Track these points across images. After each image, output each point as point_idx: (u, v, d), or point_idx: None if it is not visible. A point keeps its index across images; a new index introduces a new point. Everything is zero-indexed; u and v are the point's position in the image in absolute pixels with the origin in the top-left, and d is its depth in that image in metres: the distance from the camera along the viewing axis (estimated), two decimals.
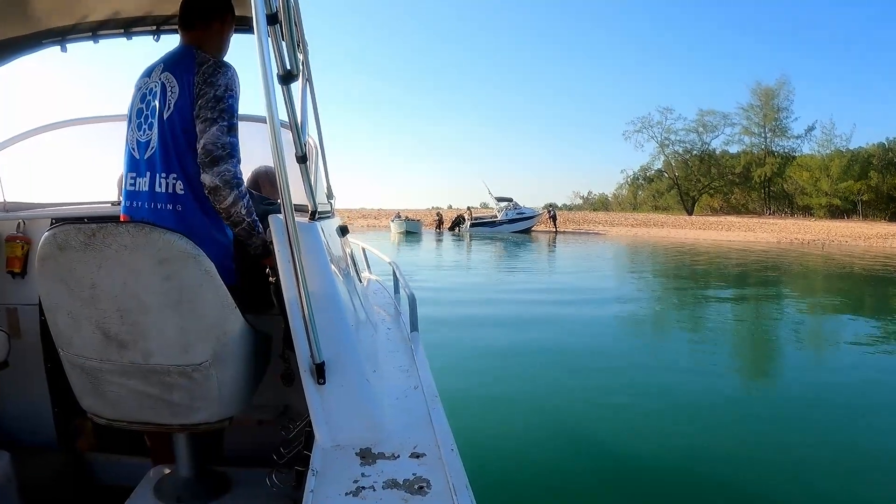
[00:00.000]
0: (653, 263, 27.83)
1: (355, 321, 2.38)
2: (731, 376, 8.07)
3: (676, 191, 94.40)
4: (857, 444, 5.56)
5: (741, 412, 6.50)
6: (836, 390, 7.42)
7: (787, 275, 22.89)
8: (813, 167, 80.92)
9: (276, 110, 1.70)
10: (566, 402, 6.61)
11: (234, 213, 2.15)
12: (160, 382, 1.94)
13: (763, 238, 48.03)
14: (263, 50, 1.67)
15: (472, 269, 21.41)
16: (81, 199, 3.56)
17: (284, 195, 1.77)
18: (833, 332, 11.79)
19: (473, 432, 5.29)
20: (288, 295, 1.92)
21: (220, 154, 2.11)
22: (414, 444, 1.80)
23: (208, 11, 2.37)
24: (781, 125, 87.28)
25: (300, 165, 2.15)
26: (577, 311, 12.87)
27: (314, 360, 1.87)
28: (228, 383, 2.01)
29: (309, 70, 2.98)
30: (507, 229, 51.51)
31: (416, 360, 2.73)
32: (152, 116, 2.19)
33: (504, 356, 8.56)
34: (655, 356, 9.14)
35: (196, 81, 2.16)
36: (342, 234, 3.14)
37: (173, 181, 2.16)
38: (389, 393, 2.25)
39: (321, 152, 3.45)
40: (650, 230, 55.72)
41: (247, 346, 2.09)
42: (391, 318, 3.69)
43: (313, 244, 2.13)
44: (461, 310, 12.33)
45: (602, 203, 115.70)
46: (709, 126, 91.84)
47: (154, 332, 1.88)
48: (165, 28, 3.22)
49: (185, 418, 2.00)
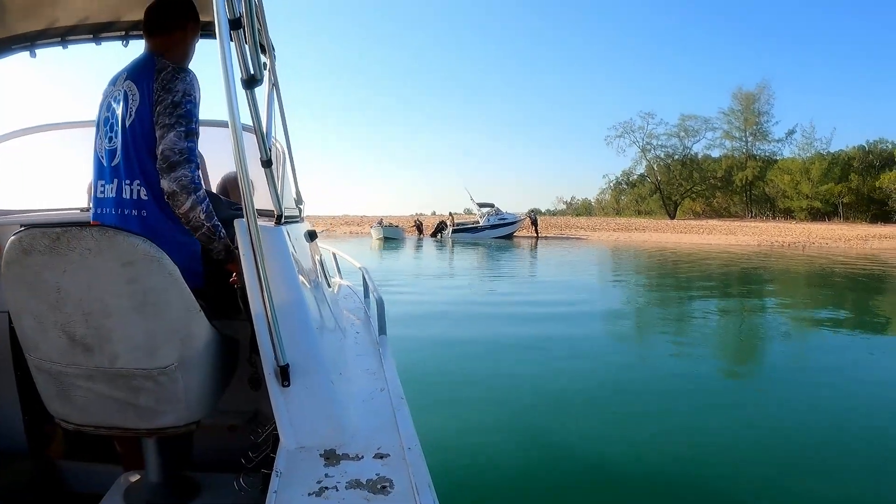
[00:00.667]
0: (629, 266, 27.82)
1: (321, 325, 2.39)
2: (705, 378, 7.88)
3: (659, 195, 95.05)
4: (848, 445, 5.49)
5: (718, 414, 6.40)
6: (821, 387, 7.41)
7: (763, 277, 23.05)
8: (794, 170, 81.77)
9: (237, 114, 1.72)
10: (533, 403, 6.59)
11: (193, 217, 2.15)
12: (126, 386, 1.94)
13: (744, 241, 48.32)
14: (226, 54, 1.68)
15: (451, 276, 21.05)
16: (52, 205, 3.56)
17: (246, 199, 1.78)
18: (809, 331, 11.84)
19: (440, 433, 5.33)
20: (252, 298, 1.92)
21: (177, 159, 2.12)
22: (378, 445, 1.83)
23: (170, 18, 2.39)
24: (762, 129, 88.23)
25: (265, 170, 2.14)
26: (549, 311, 12.91)
27: (278, 363, 1.88)
28: (195, 387, 2.02)
29: (275, 75, 2.98)
30: (489, 235, 51.40)
31: (384, 363, 2.76)
32: (117, 125, 2.23)
33: (474, 358, 8.57)
34: (626, 355, 9.17)
35: (155, 88, 2.19)
36: (310, 239, 3.13)
37: (137, 187, 2.19)
38: (355, 395, 2.26)
39: (289, 157, 3.45)
40: (632, 235, 55.80)
41: (213, 349, 2.10)
42: (360, 322, 3.71)
43: (279, 248, 2.14)
44: (434, 314, 12.21)
45: (585, 208, 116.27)
46: (690, 130, 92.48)
47: (119, 335, 1.88)
48: (134, 34, 3.21)
49: (151, 422, 2.00)
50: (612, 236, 55.14)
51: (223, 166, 3.39)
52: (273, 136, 2.62)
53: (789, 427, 5.91)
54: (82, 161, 3.25)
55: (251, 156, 1.83)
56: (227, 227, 2.26)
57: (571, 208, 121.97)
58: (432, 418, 5.65)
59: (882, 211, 73.75)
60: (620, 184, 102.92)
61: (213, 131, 2.49)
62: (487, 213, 54.66)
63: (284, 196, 2.64)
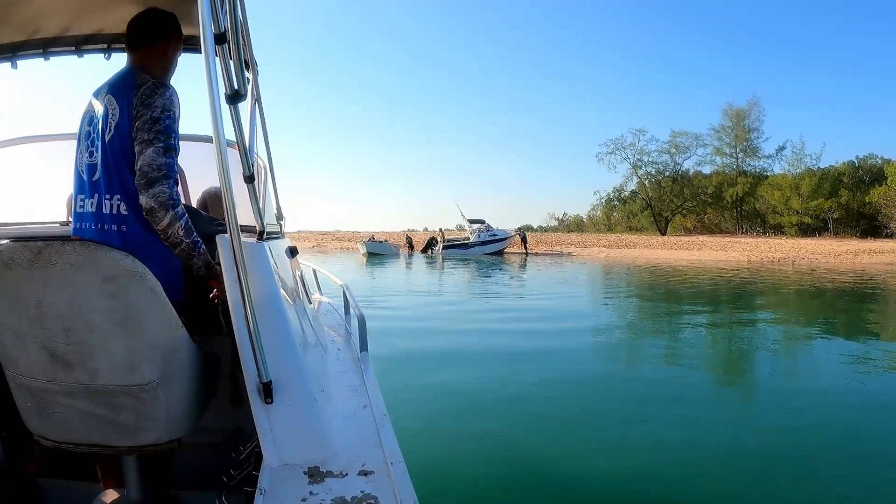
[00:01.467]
0: (617, 282, 27.90)
1: (303, 341, 2.36)
2: (694, 393, 7.85)
3: (650, 211, 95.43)
4: (831, 460, 5.48)
5: (709, 429, 6.34)
6: (815, 403, 7.34)
7: (751, 293, 22.77)
8: (784, 186, 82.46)
9: (222, 130, 1.69)
10: (518, 419, 6.53)
11: (172, 234, 2.13)
12: (107, 403, 1.89)
13: (734, 257, 48.39)
14: (210, 69, 1.67)
15: (440, 293, 20.88)
16: (31, 218, 3.58)
17: (230, 215, 1.76)
18: (796, 347, 11.73)
19: (423, 449, 5.28)
20: (234, 314, 1.91)
21: (155, 175, 2.10)
22: (362, 462, 1.82)
23: (152, 32, 2.37)
24: (752, 145, 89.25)
25: (248, 185, 2.16)
26: (531, 326, 12.85)
27: (261, 380, 1.86)
28: (176, 404, 1.98)
29: (258, 90, 2.98)
30: (480, 251, 51.35)
31: (366, 379, 2.75)
32: (97, 139, 2.21)
33: (460, 373, 8.48)
34: (610, 376, 8.87)
35: (134, 103, 2.16)
36: (291, 255, 3.13)
37: (117, 202, 2.17)
38: (338, 412, 2.25)
39: (270, 173, 3.42)
40: (622, 251, 55.82)
41: (195, 366, 2.06)
42: (341, 338, 3.70)
43: (260, 264, 2.13)
44: (420, 331, 12.04)
45: (577, 224, 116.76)
46: (681, 147, 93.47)
47: (100, 351, 1.84)
48: (116, 47, 3.17)
49: (132, 440, 1.95)
50: (603, 252, 55.11)
51: (203, 181, 3.38)
52: (255, 151, 2.62)
53: (775, 442, 5.82)
54: (61, 174, 3.36)
55: (233, 171, 1.79)
56: (207, 242, 2.24)
57: (563, 225, 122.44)
58: (416, 434, 5.65)
59: (871, 226, 74.38)
60: (612, 200, 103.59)
61: (193, 146, 2.53)
62: (478, 229, 54.62)
63: (266, 212, 2.63)
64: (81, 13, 2.91)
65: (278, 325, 2.06)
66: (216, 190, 3.21)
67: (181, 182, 2.78)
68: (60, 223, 3.40)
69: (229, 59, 1.86)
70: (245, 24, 2.58)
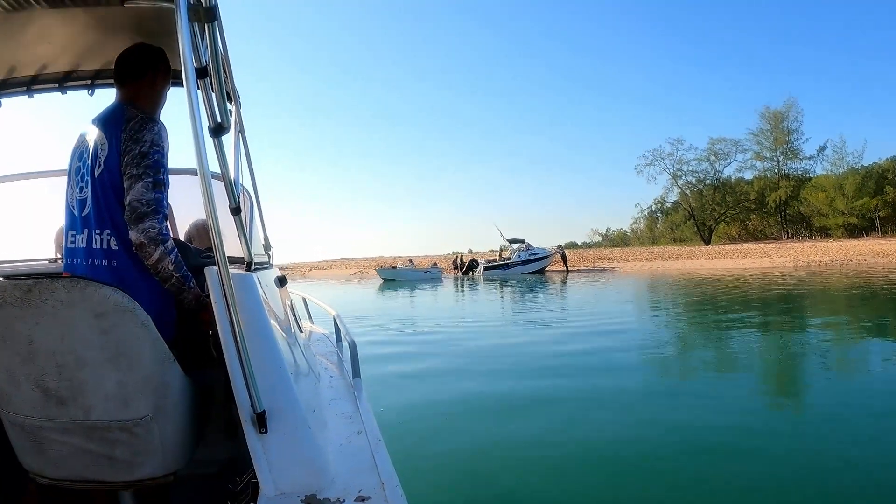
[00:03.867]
0: (662, 298, 27.18)
1: (295, 370, 2.39)
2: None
3: (692, 222, 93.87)
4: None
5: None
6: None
7: (799, 300, 22.03)
8: (827, 187, 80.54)
9: (206, 163, 1.72)
10: (515, 444, 6.41)
11: (162, 269, 2.15)
12: (102, 439, 1.90)
13: (779, 263, 47.71)
14: (193, 103, 1.70)
15: (471, 322, 19.20)
16: (19, 256, 3.55)
17: (217, 247, 1.78)
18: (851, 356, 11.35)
19: (419, 473, 5.32)
20: (226, 345, 1.92)
21: (144, 211, 2.11)
22: (359, 488, 1.83)
23: (139, 67, 2.40)
24: (793, 147, 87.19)
25: (234, 217, 2.17)
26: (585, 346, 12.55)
27: (255, 410, 1.88)
28: (171, 437, 1.99)
29: (241, 122, 3.04)
30: (521, 271, 51.40)
31: (360, 406, 2.75)
32: (87, 174, 2.22)
33: (459, 402, 8.29)
34: (618, 399, 8.43)
35: (123, 137, 2.18)
36: (280, 285, 3.14)
37: (107, 237, 2.18)
38: (333, 439, 2.26)
39: (257, 203, 3.48)
40: (665, 263, 55.25)
41: (188, 398, 2.07)
42: (334, 366, 3.71)
43: (250, 295, 2.13)
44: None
45: (621, 238, 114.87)
46: (720, 154, 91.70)
47: (93, 387, 1.85)
48: (99, 82, 3.19)
49: (128, 474, 1.96)
50: (646, 266, 54.71)
51: (190, 214, 3.39)
52: (240, 182, 2.64)
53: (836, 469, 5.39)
54: (49, 211, 3.45)
55: (219, 203, 1.82)
56: (196, 274, 2.26)
57: (607, 239, 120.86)
58: (414, 459, 5.67)
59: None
60: (654, 212, 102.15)
61: (179, 179, 2.48)
62: (518, 248, 54.65)
63: (253, 242, 2.66)
64: (64, 49, 2.89)
65: (269, 354, 2.06)
66: (203, 222, 3.20)
67: (169, 216, 2.77)
68: (49, 260, 3.39)
69: (211, 93, 1.86)
70: (226, 57, 2.61)
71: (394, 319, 19.58)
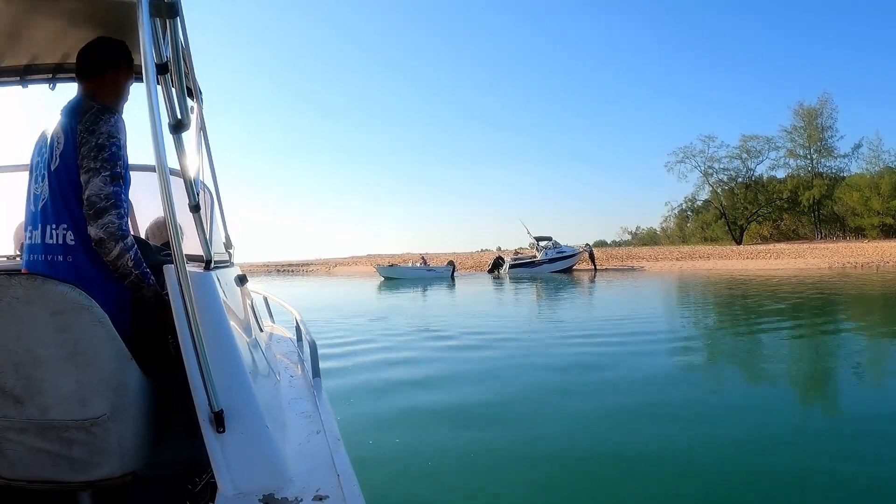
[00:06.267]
0: (691, 299, 26.44)
1: (255, 369, 2.38)
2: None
3: (724, 220, 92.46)
4: None
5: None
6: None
7: (838, 306, 20.54)
8: (862, 186, 78.70)
9: (165, 159, 1.72)
10: (481, 444, 6.36)
11: (121, 265, 2.14)
12: (59, 438, 1.89)
13: (814, 264, 46.87)
14: (153, 99, 1.71)
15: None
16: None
17: (175, 245, 1.79)
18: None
19: (378, 472, 5.38)
20: (183, 344, 1.92)
21: (103, 206, 2.09)
22: (317, 487, 1.85)
23: (101, 62, 2.39)
24: (827, 145, 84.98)
25: (193, 215, 2.15)
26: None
27: (212, 409, 1.87)
28: (129, 437, 1.98)
29: (202, 118, 3.04)
30: (548, 269, 51.06)
31: (319, 405, 2.76)
32: (44, 169, 2.22)
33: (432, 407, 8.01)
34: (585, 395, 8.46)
35: (79, 129, 2.16)
36: (241, 283, 3.13)
37: (63, 232, 2.16)
38: (292, 438, 2.28)
39: (218, 201, 3.48)
40: (695, 263, 54.62)
41: (146, 398, 2.06)
42: (294, 365, 3.73)
43: (207, 293, 2.13)
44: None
45: (651, 237, 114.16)
46: (752, 151, 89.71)
47: (50, 386, 1.85)
48: (61, 76, 3.14)
49: (86, 475, 1.94)
50: (675, 266, 54.12)
51: (150, 211, 3.39)
52: (201, 180, 2.66)
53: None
54: (7, 206, 3.49)
55: (179, 201, 1.83)
56: (156, 273, 2.24)
57: (637, 238, 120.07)
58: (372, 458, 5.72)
59: None
60: (684, 211, 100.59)
61: (137, 176, 2.48)
62: (545, 246, 54.22)
63: (213, 241, 2.66)
64: (25, 41, 2.85)
65: (227, 353, 2.06)
66: (163, 220, 3.14)
67: (130, 213, 2.69)
68: (7, 257, 3.41)
69: (172, 89, 1.87)
70: (188, 53, 2.60)
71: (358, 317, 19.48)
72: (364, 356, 11.88)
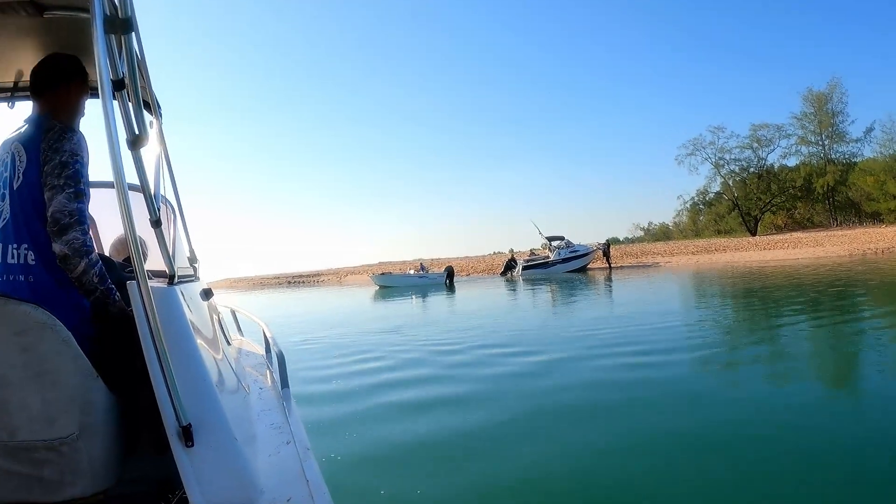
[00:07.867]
0: (715, 292, 25.46)
1: (222, 383, 2.38)
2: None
3: (737, 212, 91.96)
4: None
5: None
6: None
7: (869, 294, 18.91)
8: (877, 170, 77.98)
9: (123, 175, 1.71)
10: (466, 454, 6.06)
11: (87, 281, 2.15)
12: (28, 459, 1.88)
13: (833, 252, 46.13)
14: (109, 115, 1.69)
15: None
16: None
17: (136, 261, 1.78)
18: None
19: (348, 481, 5.33)
20: (149, 360, 1.90)
21: (67, 222, 2.10)
22: (287, 497, 1.88)
23: (54, 78, 2.39)
24: (838, 130, 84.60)
25: (155, 230, 2.15)
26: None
27: (180, 423, 1.86)
28: (99, 455, 1.95)
29: (162, 133, 3.05)
30: (562, 269, 50.31)
31: (289, 416, 2.79)
32: (4, 188, 2.19)
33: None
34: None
35: (42, 148, 2.17)
36: (206, 297, 3.13)
37: (24, 251, 2.14)
38: (262, 450, 2.30)
39: (180, 216, 3.50)
40: (712, 256, 53.77)
41: (114, 415, 2.04)
42: (263, 377, 3.75)
43: (172, 308, 2.13)
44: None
45: (664, 233, 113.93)
46: (763, 140, 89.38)
47: (17, 406, 1.83)
48: (19, 94, 3.14)
49: (57, 495, 1.92)
50: (692, 260, 53.40)
51: (112, 227, 3.42)
52: (162, 195, 2.71)
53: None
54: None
55: (140, 216, 1.84)
56: (121, 289, 2.23)
57: (649, 234, 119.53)
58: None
59: None
60: (697, 204, 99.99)
61: (100, 192, 2.50)
62: (557, 246, 53.49)
63: (177, 255, 2.72)
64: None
65: (193, 368, 2.06)
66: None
67: (92, 229, 2.74)
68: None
69: (129, 104, 1.85)
70: (144, 69, 2.61)
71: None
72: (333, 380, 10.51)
